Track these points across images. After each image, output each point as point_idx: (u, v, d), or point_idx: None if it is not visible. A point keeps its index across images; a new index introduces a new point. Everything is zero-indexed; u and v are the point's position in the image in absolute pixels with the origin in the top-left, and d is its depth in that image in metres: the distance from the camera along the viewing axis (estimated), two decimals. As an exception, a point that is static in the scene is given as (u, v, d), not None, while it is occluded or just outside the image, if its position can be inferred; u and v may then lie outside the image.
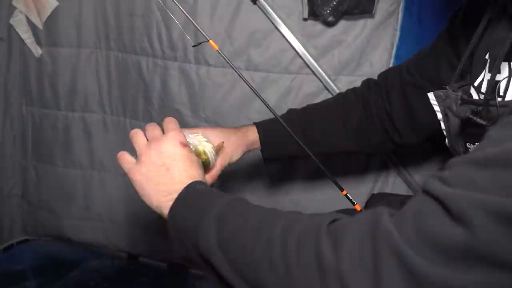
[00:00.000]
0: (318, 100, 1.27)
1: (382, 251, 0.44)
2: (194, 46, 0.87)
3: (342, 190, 0.77)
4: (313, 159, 0.81)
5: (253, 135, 0.95)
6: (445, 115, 0.71)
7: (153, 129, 0.74)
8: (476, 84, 0.69)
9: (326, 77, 1.25)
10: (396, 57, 1.17)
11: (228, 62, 0.83)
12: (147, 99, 1.45)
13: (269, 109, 0.85)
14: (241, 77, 0.84)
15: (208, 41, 0.82)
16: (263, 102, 0.85)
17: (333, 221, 0.52)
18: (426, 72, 0.87)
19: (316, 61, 1.25)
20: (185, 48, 1.34)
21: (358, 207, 0.75)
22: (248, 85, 0.85)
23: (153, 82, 1.41)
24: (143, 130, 0.75)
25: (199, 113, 1.39)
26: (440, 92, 0.72)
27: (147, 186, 0.70)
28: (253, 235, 0.56)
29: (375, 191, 1.31)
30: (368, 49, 1.21)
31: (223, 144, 0.86)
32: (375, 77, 1.22)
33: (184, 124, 1.41)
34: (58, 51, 1.48)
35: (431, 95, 0.73)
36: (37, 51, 1.49)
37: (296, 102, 1.29)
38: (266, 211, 0.61)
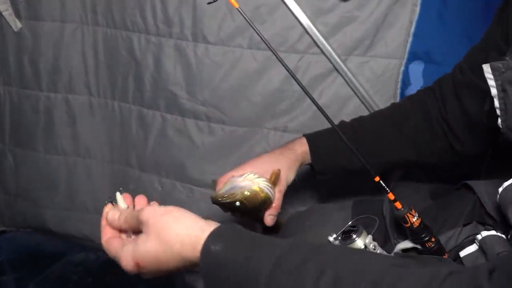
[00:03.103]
0: (326, 82, 1.20)
1: None
2: (209, 3, 0.78)
3: (375, 176, 0.69)
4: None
5: (301, 147, 0.90)
6: (502, 90, 0.63)
7: None
8: None
9: (336, 57, 1.16)
10: (415, 35, 1.09)
11: (249, 23, 0.73)
12: (138, 80, 1.34)
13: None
14: (267, 45, 0.75)
15: (227, -3, 0.73)
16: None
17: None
18: (477, 67, 0.78)
19: (325, 39, 1.15)
20: (182, 24, 1.23)
21: (391, 196, 0.67)
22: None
23: (145, 61, 1.30)
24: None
25: (196, 95, 1.29)
26: (499, 64, 0.63)
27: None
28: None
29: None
30: (383, 27, 1.12)
31: (279, 171, 0.84)
32: (389, 58, 1.15)
33: (178, 108, 1.32)
34: (39, 25, 1.36)
35: (486, 67, 0.64)
36: (16, 24, 1.37)
37: (303, 83, 1.19)
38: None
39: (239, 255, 0.51)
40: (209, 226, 0.55)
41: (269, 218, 0.82)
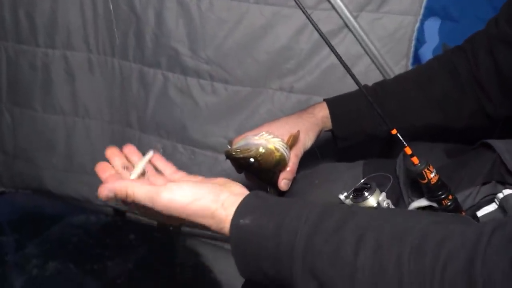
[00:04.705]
0: (336, 39, 1.15)
1: None
2: None
3: (391, 128, 0.65)
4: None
5: (321, 112, 0.85)
6: None
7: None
8: None
9: (347, 13, 1.10)
10: (434, -11, 1.03)
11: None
12: (139, 36, 1.28)
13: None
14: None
15: None
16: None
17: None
18: None
19: (336, -7, 1.10)
20: (185, -24, 1.17)
21: (408, 150, 0.64)
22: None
23: (146, 15, 1.25)
24: None
25: (199, 53, 1.24)
26: None
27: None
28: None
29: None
30: (398, -20, 1.06)
31: (298, 133, 0.80)
32: (403, 15, 1.09)
33: (180, 66, 1.27)
34: (35, -24, 1.30)
35: None
36: (11, -24, 1.31)
37: (311, 40, 1.15)
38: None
39: (270, 226, 0.49)
40: (232, 201, 0.53)
41: (283, 182, 0.78)
